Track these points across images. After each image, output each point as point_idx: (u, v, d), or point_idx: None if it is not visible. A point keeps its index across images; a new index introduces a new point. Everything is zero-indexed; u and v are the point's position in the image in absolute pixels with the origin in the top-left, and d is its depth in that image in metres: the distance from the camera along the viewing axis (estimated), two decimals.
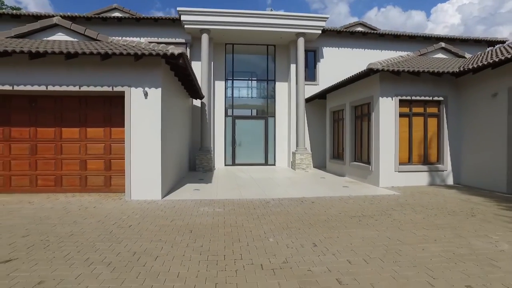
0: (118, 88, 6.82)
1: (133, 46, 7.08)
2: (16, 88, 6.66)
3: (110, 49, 6.42)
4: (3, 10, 13.30)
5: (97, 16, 12.58)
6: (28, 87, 6.69)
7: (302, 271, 3.20)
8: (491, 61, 7.16)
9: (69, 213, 5.57)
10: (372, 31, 14.15)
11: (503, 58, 6.81)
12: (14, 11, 13.09)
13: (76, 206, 6.10)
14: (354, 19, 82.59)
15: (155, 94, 6.85)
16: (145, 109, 6.84)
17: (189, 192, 7.74)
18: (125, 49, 6.42)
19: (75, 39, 8.09)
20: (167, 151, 7.57)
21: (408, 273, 3.16)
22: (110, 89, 6.81)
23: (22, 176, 7.39)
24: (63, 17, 12.38)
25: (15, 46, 6.42)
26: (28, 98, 7.34)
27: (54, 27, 8.13)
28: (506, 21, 64.94)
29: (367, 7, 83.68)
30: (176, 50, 6.38)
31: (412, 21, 73.95)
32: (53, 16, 12.25)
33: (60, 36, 8.13)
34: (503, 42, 14.76)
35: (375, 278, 3.06)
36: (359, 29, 17.27)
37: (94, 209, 5.89)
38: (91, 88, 6.79)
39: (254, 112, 16.71)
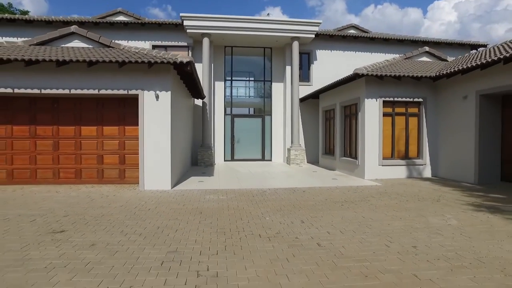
0: (132, 92, 7.73)
1: (145, 54, 7.98)
2: (43, 91, 7.55)
3: (126, 57, 7.32)
4: (16, 15, 14.07)
5: (105, 21, 13.41)
6: (54, 91, 7.58)
7: (291, 238, 4.17)
8: (460, 68, 8.14)
9: (93, 200, 6.50)
10: (363, 35, 15.08)
11: (469, 66, 7.79)
12: (26, 16, 13.83)
13: (98, 194, 7.03)
14: (351, 16, 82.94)
15: (165, 96, 7.77)
16: (157, 110, 7.75)
17: (194, 183, 8.69)
18: (139, 58, 7.32)
19: (90, 46, 8.97)
20: (175, 147, 8.50)
21: (372, 240, 4.13)
22: (125, 92, 7.72)
23: (47, 169, 8.29)
24: (73, 22, 13.21)
25: (43, 55, 7.30)
26: (51, 100, 8.22)
27: (71, 35, 9.01)
28: (502, 19, 65.78)
29: (364, 4, 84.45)
30: (185, 59, 7.31)
31: (408, 18, 74.60)
32: (64, 21, 13.08)
33: (76, 43, 9.00)
34: (484, 45, 15.77)
35: (346, 242, 4.02)
36: (352, 31, 18.23)
37: (114, 197, 6.82)
38: (109, 92, 7.70)
39: (252, 111, 17.59)
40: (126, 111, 8.35)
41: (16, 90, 7.52)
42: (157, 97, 7.71)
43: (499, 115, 8.50)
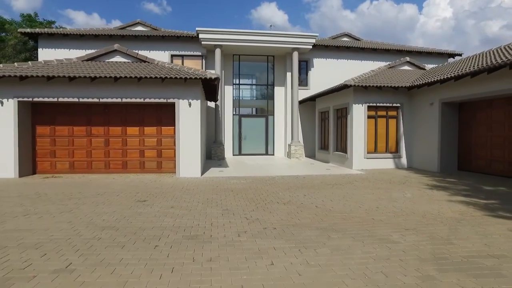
0: (170, 100, 9.88)
1: (179, 70, 10.11)
2: (101, 100, 9.67)
3: (167, 74, 9.43)
4: (53, 29, 16.02)
5: (131, 34, 15.45)
6: (109, 100, 9.70)
7: (298, 203, 6.38)
8: (427, 82, 10.38)
9: (146, 183, 8.67)
10: (354, 45, 17.26)
11: (433, 80, 10.03)
12: (62, 29, 15.80)
13: (146, 180, 9.20)
14: (347, 12, 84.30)
15: (196, 103, 9.93)
16: (189, 114, 9.91)
17: (216, 172, 10.88)
18: (177, 74, 9.45)
19: (129, 60, 11.09)
20: (201, 143, 10.67)
21: (351, 204, 6.35)
22: (165, 100, 9.87)
23: (99, 161, 10.44)
24: (102, 35, 15.24)
25: (101, 72, 9.39)
26: (103, 106, 10.34)
27: (114, 52, 11.11)
28: (495, 15, 67.44)
29: (360, 0, 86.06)
30: (213, 75, 9.46)
31: (404, 15, 75.69)
32: (94, 35, 15.11)
33: (118, 58, 11.12)
34: (460, 54, 18.05)
35: (334, 205, 6.24)
36: (345, 39, 20.48)
37: (160, 181, 9.00)
38: (152, 100, 9.84)
39: (257, 111, 19.73)
40: (162, 114, 10.50)
41: (81, 100, 9.63)
42: (189, 104, 9.86)
43: (456, 119, 10.79)
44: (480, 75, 8.82)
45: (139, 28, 18.33)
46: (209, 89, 11.94)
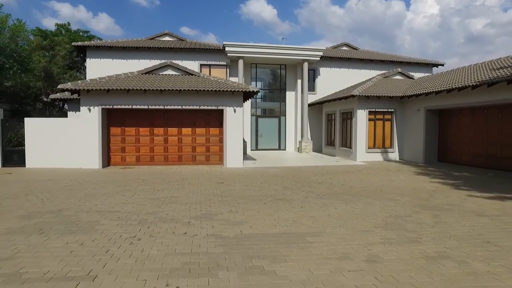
0: (219, 107, 12.68)
1: (223, 83, 12.89)
2: (167, 107, 12.40)
3: (219, 87, 12.21)
4: (100, 41, 18.47)
5: (167, 47, 18.04)
6: (171, 107, 12.44)
7: (328, 183, 9.33)
8: (415, 93, 13.46)
9: (206, 172, 11.49)
10: (354, 57, 20.27)
11: (420, 93, 13.10)
12: (107, 41, 18.26)
13: (203, 170, 12.03)
14: (335, 8, 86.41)
15: (239, 110, 12.77)
16: (234, 118, 12.74)
17: (251, 164, 13.74)
18: (226, 87, 12.23)
19: (179, 73, 13.83)
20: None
21: (364, 183, 9.33)
22: (215, 107, 12.67)
23: (160, 155, 13.18)
24: (143, 47, 17.78)
25: (166, 85, 12.09)
26: (163, 111, 13.05)
27: (167, 66, 13.83)
28: (479, 14, 70.79)
29: None
30: (254, 89, 12.30)
31: (391, 11, 77.64)
32: (136, 47, 17.65)
33: (170, 71, 13.85)
34: (442, 65, 21.32)
35: (353, 184, 9.22)
36: (344, 48, 23.49)
37: (215, 170, 11.83)
38: (204, 107, 12.62)
39: (271, 112, 22.62)
40: (210, 118, 13.30)
41: (150, 107, 12.34)
42: (234, 110, 12.70)
43: (437, 122, 13.96)
44: (453, 92, 11.92)
45: (167, 38, 20.93)
46: (246, 97, 14.75)
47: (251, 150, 19.97)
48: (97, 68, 17.54)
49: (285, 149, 20.46)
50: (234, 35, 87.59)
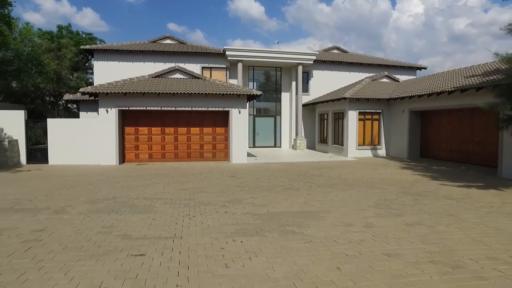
0: (225, 108, 13.99)
1: (229, 86, 14.20)
2: (177, 109, 13.62)
3: (226, 91, 13.50)
4: (107, 44, 19.39)
5: (171, 50, 19.14)
6: (183, 108, 13.67)
7: (326, 176, 10.80)
8: (400, 96, 15.10)
9: (216, 167, 12.80)
10: (344, 60, 21.84)
11: (404, 96, 14.74)
12: (113, 45, 19.20)
13: (212, 165, 13.33)
14: (322, 5, 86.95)
15: (244, 111, 14.11)
16: (239, 118, 14.07)
17: (252, 160, 15.11)
18: (232, 91, 13.54)
19: (186, 77, 15.06)
20: None
21: (356, 175, 10.85)
22: (222, 109, 13.97)
23: (170, 152, 14.40)
24: (148, 51, 18.83)
25: (177, 89, 13.31)
26: (173, 112, 14.26)
27: (175, 70, 15.04)
28: (462, 14, 73.24)
29: None
30: (258, 92, 13.66)
31: (378, 9, 78.06)
32: (142, 50, 18.69)
33: (178, 75, 15.07)
34: (425, 68, 23.18)
35: (347, 176, 10.72)
36: (335, 51, 25.09)
37: (223, 166, 13.15)
38: (211, 108, 13.89)
39: (267, 112, 23.98)
40: (216, 119, 14.59)
41: (162, 108, 13.54)
42: (239, 112, 14.03)
43: (419, 122, 15.66)
44: (433, 96, 13.58)
45: (168, 41, 22.00)
46: (249, 99, 16.08)
47: (249, 147, 21.28)
48: (104, 70, 18.52)
49: (280, 147, 21.91)
50: (221, 32, 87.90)
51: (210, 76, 19.03)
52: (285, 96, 21.83)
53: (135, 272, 3.43)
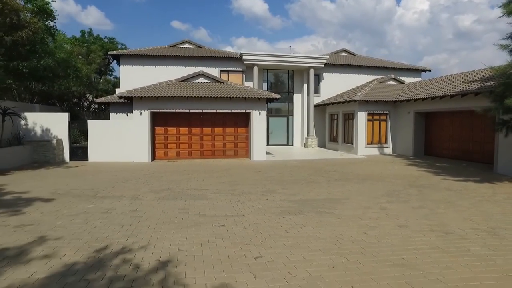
0: (247, 111, 15.41)
1: (249, 90, 15.60)
2: (203, 111, 15.07)
3: (248, 94, 14.90)
4: (132, 49, 20.88)
5: (191, 55, 20.58)
6: (208, 110, 15.11)
7: (340, 171, 12.19)
8: (406, 99, 16.40)
9: (239, 164, 14.23)
10: (353, 64, 23.13)
11: (410, 98, 16.04)
12: (138, 50, 20.67)
13: (234, 162, 14.77)
14: (326, 3, 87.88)
15: (263, 113, 15.53)
16: (259, 119, 15.49)
17: (270, 157, 16.52)
18: (253, 95, 14.94)
19: (209, 81, 16.50)
20: None
21: (367, 171, 12.22)
22: (244, 111, 15.39)
23: (196, 150, 15.88)
24: (168, 56, 20.28)
25: (202, 93, 14.74)
26: (199, 114, 15.71)
27: (199, 75, 16.48)
28: (467, 10, 73.19)
29: None
30: (277, 96, 15.06)
31: (382, 6, 78.02)
32: (160, 55, 20.14)
33: (202, 80, 16.51)
34: (429, 70, 24.41)
35: (358, 172, 12.08)
36: (343, 54, 26.37)
37: (245, 163, 14.58)
38: (235, 110, 15.32)
39: (280, 112, 25.36)
40: (238, 120, 16.03)
41: (191, 110, 14.99)
42: (259, 113, 15.45)
43: (424, 123, 16.97)
44: (436, 99, 14.87)
45: (187, 45, 23.43)
46: (268, 101, 17.48)
47: None
48: (130, 74, 20.01)
49: (292, 145, 23.31)
50: (225, 30, 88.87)
51: (228, 79, 20.44)
52: (297, 97, 23.19)
53: (226, 235, 4.90)
